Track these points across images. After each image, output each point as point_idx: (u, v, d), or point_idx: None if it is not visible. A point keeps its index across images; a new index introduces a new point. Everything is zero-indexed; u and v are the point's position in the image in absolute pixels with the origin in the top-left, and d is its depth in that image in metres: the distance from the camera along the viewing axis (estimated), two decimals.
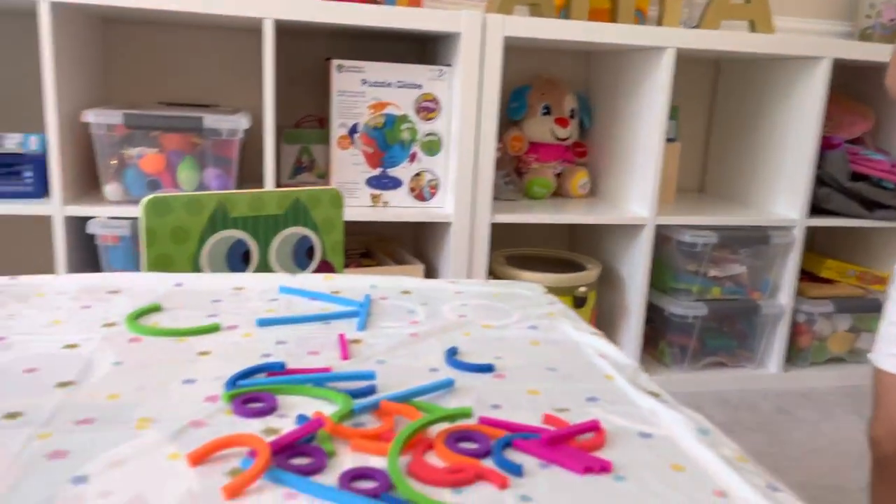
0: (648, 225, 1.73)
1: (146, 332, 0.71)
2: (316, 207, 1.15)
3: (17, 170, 1.47)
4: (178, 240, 1.03)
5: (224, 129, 1.50)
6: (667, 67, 1.66)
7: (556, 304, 0.87)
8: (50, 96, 1.40)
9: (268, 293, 0.86)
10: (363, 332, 0.75)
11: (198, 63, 1.82)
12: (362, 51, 1.83)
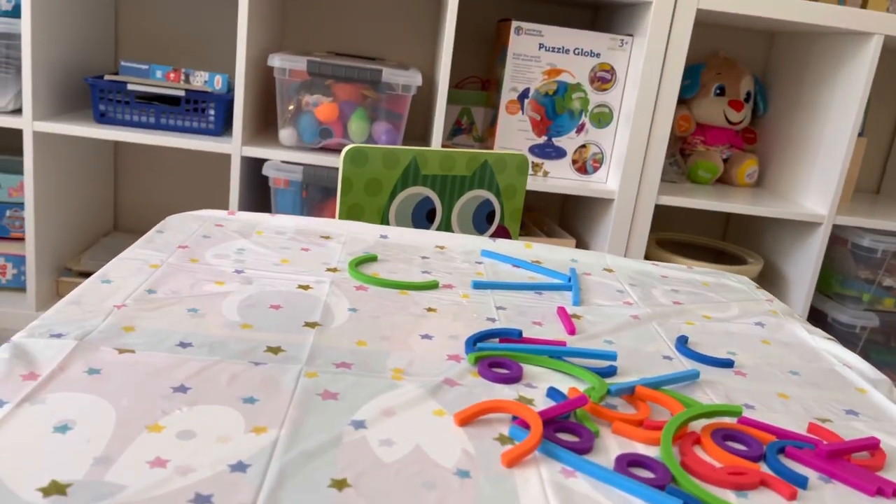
0: (825, 224, 1.61)
1: (371, 281, 0.71)
2: (502, 172, 1.14)
3: (202, 107, 1.53)
4: (372, 191, 1.04)
5: (399, 85, 1.50)
6: (869, 56, 1.52)
7: (774, 301, 0.82)
8: (242, 38, 1.44)
9: (471, 255, 0.85)
10: (579, 307, 0.73)
11: (367, 15, 1.83)
12: (533, 13, 1.79)
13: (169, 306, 0.59)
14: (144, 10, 1.76)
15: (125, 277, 0.64)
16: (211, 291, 0.64)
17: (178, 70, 1.51)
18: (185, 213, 0.84)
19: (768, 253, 1.82)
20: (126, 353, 0.51)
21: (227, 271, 0.69)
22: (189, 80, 1.53)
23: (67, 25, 1.53)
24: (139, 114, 1.51)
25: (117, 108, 1.50)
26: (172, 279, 0.65)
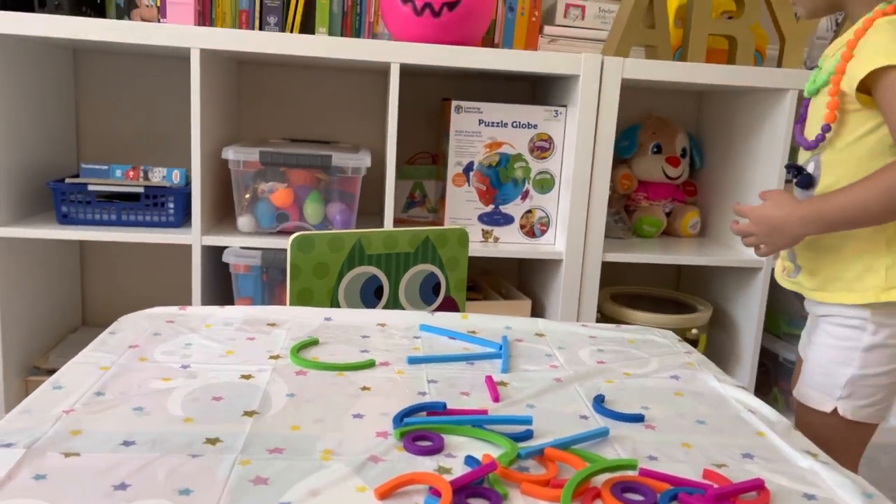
0: (764, 268, 1.70)
1: (310, 365, 0.76)
2: (444, 246, 1.20)
3: (162, 201, 1.59)
4: (320, 275, 1.10)
5: (349, 167, 1.58)
6: (787, 109, 1.63)
7: (693, 353, 0.88)
8: (196, 134, 1.52)
9: (410, 330, 0.90)
10: (507, 374, 0.78)
11: (321, 101, 1.92)
12: (474, 90, 1.89)
13: (116, 407, 0.64)
14: (104, 111, 1.84)
15: (76, 382, 0.68)
16: (157, 388, 0.68)
17: (136, 168, 1.58)
18: (137, 312, 0.89)
19: (717, 299, 1.89)
20: (72, 456, 0.55)
21: (173, 367, 0.74)
22: (148, 177, 1.59)
23: (28, 132, 1.60)
24: (101, 212, 1.57)
25: (79, 208, 1.56)
26: (122, 379, 0.70)
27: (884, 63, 0.88)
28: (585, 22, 1.78)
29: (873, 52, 0.89)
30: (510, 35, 1.76)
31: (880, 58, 0.88)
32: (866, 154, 0.94)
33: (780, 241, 0.98)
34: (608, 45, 1.68)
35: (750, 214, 1.00)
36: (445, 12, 1.54)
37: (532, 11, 1.75)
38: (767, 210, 0.97)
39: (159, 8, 1.60)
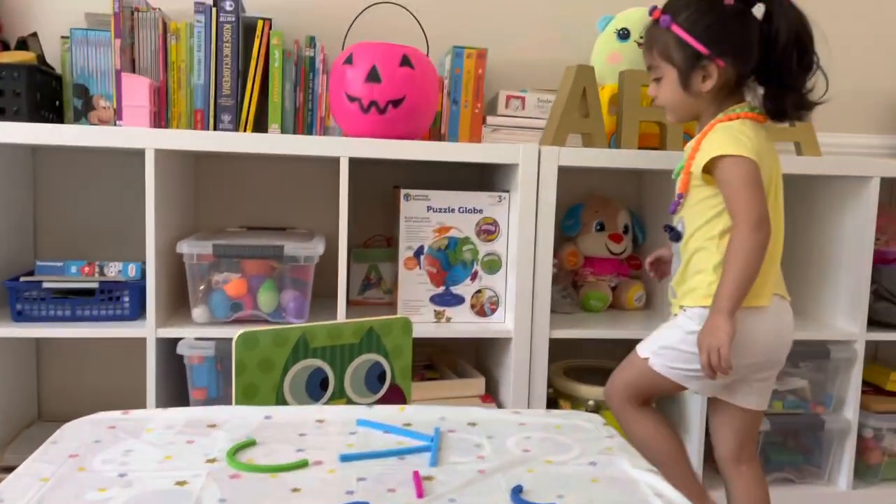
0: None
1: (244, 468, 0.80)
2: (387, 335, 1.25)
3: (117, 295, 1.63)
4: (265, 370, 1.13)
5: (301, 256, 1.64)
6: None
7: (614, 437, 0.93)
8: (150, 228, 1.57)
9: (347, 425, 0.94)
10: (435, 468, 0.82)
11: (277, 190, 1.99)
12: (425, 175, 1.97)
13: None
14: (62, 206, 1.89)
15: (16, 496, 0.71)
16: (93, 500, 0.71)
17: (92, 263, 1.62)
18: (80, 420, 0.92)
19: None
20: None
21: (111, 476, 0.77)
22: (104, 272, 1.63)
23: None
24: (56, 308, 1.60)
25: (34, 305, 1.59)
26: (59, 491, 0.73)
27: (717, 153, 1.27)
28: (526, 111, 1.89)
29: (713, 147, 1.29)
30: (455, 126, 1.86)
31: (715, 150, 1.28)
32: (709, 213, 1.34)
33: (719, 337, 1.24)
34: (546, 135, 1.79)
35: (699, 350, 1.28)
36: (391, 109, 1.64)
37: (475, 104, 1.85)
38: (699, 337, 1.28)
39: (115, 110, 1.67)
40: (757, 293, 1.31)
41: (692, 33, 1.28)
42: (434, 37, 1.83)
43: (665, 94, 1.36)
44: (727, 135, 1.28)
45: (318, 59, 1.80)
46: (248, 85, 1.73)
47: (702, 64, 1.30)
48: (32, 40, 1.75)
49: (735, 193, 1.26)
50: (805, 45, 1.29)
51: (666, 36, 1.31)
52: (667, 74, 1.34)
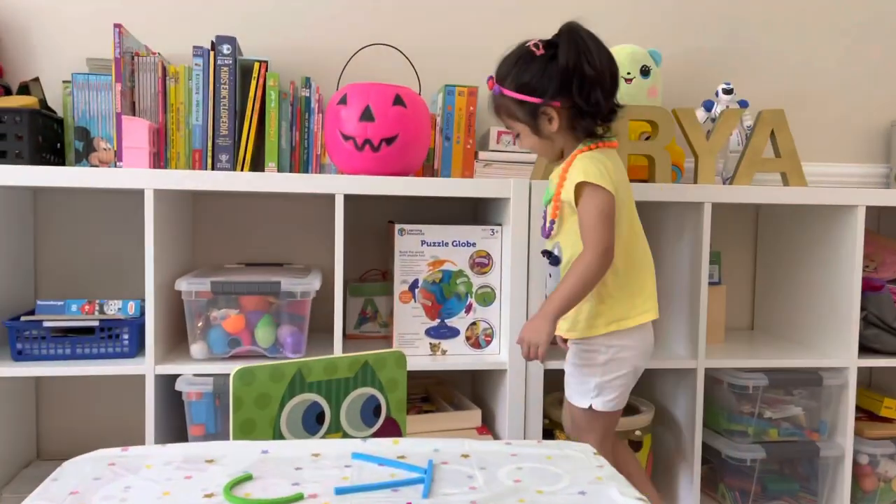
0: (698, 369, 1.78)
1: (241, 502, 0.81)
2: (382, 369, 1.27)
3: (116, 332, 1.65)
4: (262, 405, 1.15)
5: (298, 291, 1.66)
6: (704, 220, 1.77)
7: (605, 467, 0.95)
8: (149, 267, 1.59)
9: (342, 459, 0.96)
10: (427, 500, 0.84)
11: (274, 226, 2.03)
12: (419, 210, 2.01)
13: None
14: (62, 245, 1.92)
15: None
16: None
17: (92, 302, 1.65)
18: (81, 457, 0.94)
19: (660, 398, 1.97)
20: None
21: None
22: (103, 310, 1.65)
23: None
24: (55, 347, 1.62)
25: (34, 344, 1.61)
26: None
27: (581, 178, 1.40)
28: (517, 147, 1.92)
29: (578, 174, 1.41)
30: (448, 161, 1.91)
31: (580, 176, 1.40)
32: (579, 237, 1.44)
33: (539, 337, 1.38)
34: (536, 169, 1.83)
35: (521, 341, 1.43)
36: (384, 147, 1.68)
37: (467, 140, 1.90)
38: (526, 325, 1.44)
39: (116, 151, 1.71)
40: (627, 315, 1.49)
41: (522, 91, 1.41)
42: (426, 76, 1.88)
43: (526, 144, 1.49)
44: (589, 164, 1.42)
45: (313, 99, 1.85)
46: (245, 125, 1.78)
47: (542, 111, 1.42)
48: (34, 85, 1.79)
49: (589, 222, 1.40)
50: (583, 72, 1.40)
51: (504, 100, 1.45)
52: (520, 130, 1.47)
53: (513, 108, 1.44)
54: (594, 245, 1.39)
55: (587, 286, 1.40)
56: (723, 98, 2.05)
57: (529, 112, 1.43)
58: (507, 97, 1.43)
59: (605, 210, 1.40)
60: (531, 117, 1.43)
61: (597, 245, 1.39)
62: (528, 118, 1.44)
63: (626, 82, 1.93)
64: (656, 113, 1.84)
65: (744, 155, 1.90)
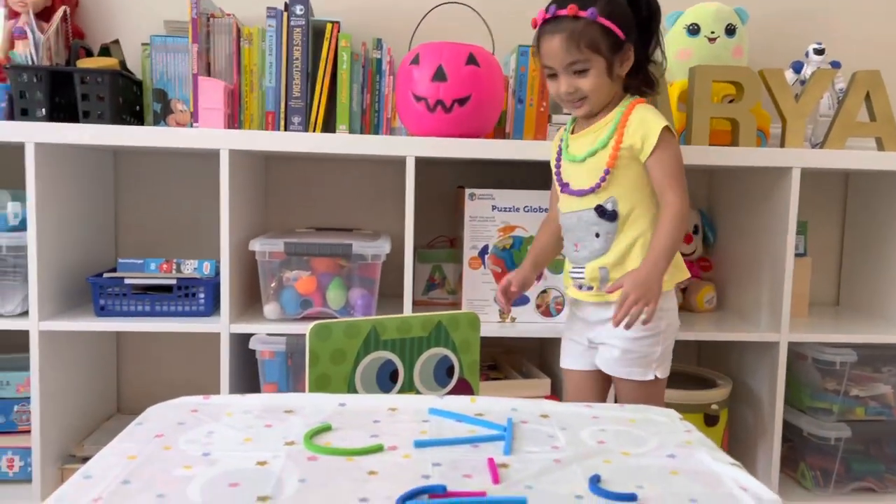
0: (781, 342, 1.71)
1: (322, 451, 0.81)
2: (455, 330, 1.25)
3: (193, 291, 1.68)
4: (337, 361, 1.15)
5: (369, 254, 1.66)
6: (791, 186, 1.68)
7: (692, 431, 0.91)
8: (224, 227, 1.62)
9: (419, 414, 0.95)
10: (509, 456, 0.82)
11: (344, 191, 2.03)
12: (488, 175, 1.97)
13: (139, 494, 0.69)
14: (141, 206, 1.97)
15: (104, 471, 0.74)
16: (179, 476, 0.74)
17: (170, 261, 1.68)
18: (164, 403, 0.95)
19: (738, 373, 1.90)
20: None
21: (195, 455, 0.79)
22: (181, 269, 1.69)
23: (72, 231, 1.72)
24: (136, 304, 1.66)
25: (115, 301, 1.65)
26: (147, 468, 0.75)
27: (663, 124, 1.33)
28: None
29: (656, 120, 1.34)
30: (520, 125, 1.86)
31: (660, 121, 1.34)
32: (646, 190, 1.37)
33: (651, 294, 1.26)
34: None
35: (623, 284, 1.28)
36: (456, 108, 1.65)
37: (540, 102, 1.85)
38: (632, 277, 1.28)
39: (192, 113, 1.73)
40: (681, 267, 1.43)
41: (613, 22, 1.32)
42: (500, 36, 1.83)
43: (593, 84, 1.34)
44: (657, 114, 1.36)
45: (384, 61, 1.83)
46: (317, 87, 1.77)
47: (625, 48, 1.35)
48: (115, 47, 1.83)
49: (674, 169, 1.34)
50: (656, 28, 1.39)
51: (592, 28, 1.32)
52: (595, 65, 1.34)
53: (598, 39, 1.32)
54: (682, 192, 1.33)
55: (682, 236, 1.33)
56: (813, 59, 1.94)
57: (612, 47, 1.33)
58: (597, 25, 1.31)
59: (680, 156, 1.37)
60: (612, 53, 1.33)
61: (683, 192, 1.33)
62: (609, 53, 1.33)
63: (710, 42, 1.84)
64: (742, 74, 1.75)
65: (836, 118, 1.79)
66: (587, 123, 1.42)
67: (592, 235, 1.40)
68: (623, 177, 1.37)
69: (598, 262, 1.39)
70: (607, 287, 1.35)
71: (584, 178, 1.40)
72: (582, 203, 1.41)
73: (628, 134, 1.35)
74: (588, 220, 1.40)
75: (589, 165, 1.39)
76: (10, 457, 1.70)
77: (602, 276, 1.39)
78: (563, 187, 1.44)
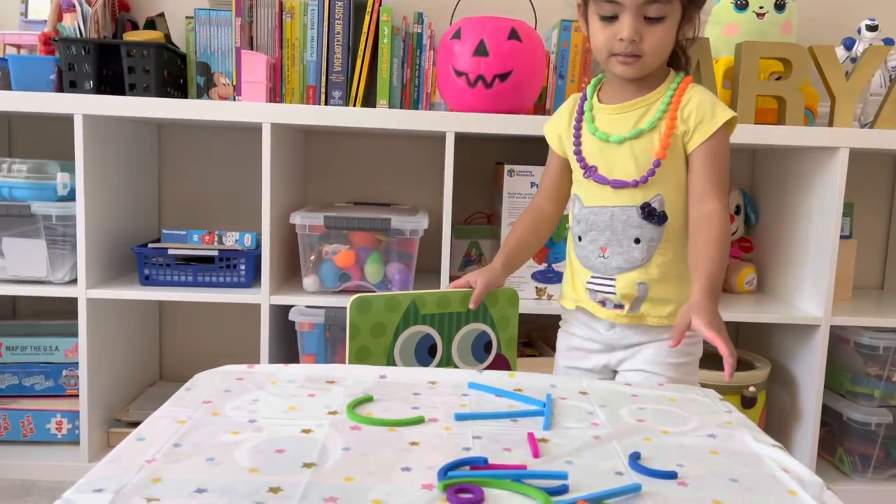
0: (823, 325, 1.68)
1: (365, 421, 0.82)
2: (494, 305, 1.26)
3: (234, 263, 1.71)
4: (377, 334, 1.17)
5: (407, 229, 1.67)
6: (839, 167, 1.64)
7: (733, 412, 0.90)
8: (266, 200, 1.64)
9: (459, 388, 0.96)
10: (549, 431, 0.82)
11: (382, 166, 2.04)
12: (528, 151, 1.96)
13: (191, 458, 0.71)
14: (184, 178, 2.01)
15: (156, 434, 0.77)
16: (227, 441, 0.76)
17: (212, 233, 1.71)
18: (210, 371, 0.97)
19: (777, 356, 1.87)
20: (153, 501, 0.62)
21: (242, 422, 0.81)
22: (222, 241, 1.72)
23: (117, 201, 1.76)
24: (179, 274, 1.70)
25: (160, 270, 1.69)
26: (196, 433, 0.78)
27: (729, 114, 1.10)
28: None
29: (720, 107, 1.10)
30: (561, 101, 1.83)
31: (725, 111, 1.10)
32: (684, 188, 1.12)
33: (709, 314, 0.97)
34: None
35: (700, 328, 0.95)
36: (497, 83, 1.64)
37: (581, 78, 1.82)
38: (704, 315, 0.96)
39: (235, 86, 1.75)
40: None
41: None
42: (542, 11, 1.81)
43: (661, 38, 1.08)
44: (718, 99, 1.13)
45: (425, 36, 1.82)
46: (357, 61, 1.77)
47: (695, 6, 1.12)
48: (160, 20, 1.85)
49: (724, 168, 1.11)
50: None
51: None
52: (672, 15, 1.08)
53: None
54: (727, 199, 1.11)
55: (728, 247, 1.09)
56: (866, 35, 1.88)
57: (691, 2, 1.10)
58: None
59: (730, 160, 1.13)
60: (689, 9, 1.11)
61: (727, 198, 1.11)
62: (688, 7, 1.10)
63: (759, 17, 1.79)
64: (791, 50, 1.70)
65: (887, 97, 1.73)
66: (623, 93, 1.15)
67: (631, 241, 1.13)
68: (672, 170, 1.12)
69: (637, 276, 1.13)
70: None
71: (624, 166, 1.13)
72: (619, 198, 1.14)
73: (682, 117, 1.11)
74: (628, 221, 1.13)
75: (632, 150, 1.13)
76: (59, 419, 1.76)
77: (640, 294, 1.14)
78: (587, 171, 1.17)
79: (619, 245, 1.14)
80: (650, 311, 1.14)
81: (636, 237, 1.13)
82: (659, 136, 1.11)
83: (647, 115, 1.13)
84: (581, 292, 1.20)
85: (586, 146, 1.18)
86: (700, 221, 1.07)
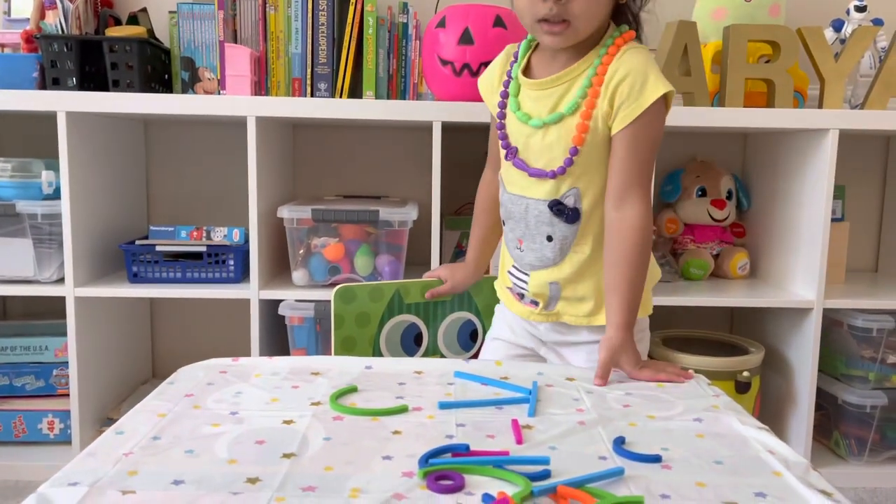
0: (815, 308, 1.67)
1: (347, 411, 0.82)
2: (478, 294, 1.25)
3: (223, 258, 1.70)
4: (362, 324, 1.16)
5: (396, 221, 1.66)
6: (829, 149, 1.63)
7: (720, 396, 0.89)
8: (253, 194, 1.63)
9: (445, 377, 0.95)
10: (533, 418, 0.82)
11: (371, 158, 2.02)
12: None
13: (169, 450, 0.70)
14: (171, 175, 1.99)
15: (136, 428, 0.76)
16: (207, 433, 0.75)
17: (200, 228, 1.70)
18: (194, 364, 0.97)
19: (771, 340, 1.87)
20: (128, 494, 0.62)
21: (223, 414, 0.80)
22: (210, 237, 1.71)
23: (104, 198, 1.75)
24: (167, 271, 1.69)
25: (148, 267, 1.68)
26: (176, 425, 0.77)
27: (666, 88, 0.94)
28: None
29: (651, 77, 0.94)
30: None
31: (661, 84, 0.94)
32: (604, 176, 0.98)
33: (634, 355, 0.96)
34: None
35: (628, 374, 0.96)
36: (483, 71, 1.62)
37: None
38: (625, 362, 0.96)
39: (219, 81, 1.73)
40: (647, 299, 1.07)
41: None
42: None
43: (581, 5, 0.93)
44: (653, 65, 0.96)
45: (410, 25, 1.81)
46: (343, 53, 1.76)
47: None
48: (142, 15, 1.83)
49: (647, 156, 0.96)
50: None
51: None
52: None
53: None
54: (648, 194, 0.97)
55: (649, 256, 0.99)
56: (854, 16, 1.87)
57: None
58: None
59: (659, 144, 0.99)
60: None
61: (649, 191, 0.98)
62: None
63: (746, 0, 1.78)
64: (779, 33, 1.69)
65: (877, 78, 1.72)
66: (552, 65, 1.00)
67: (543, 237, 1.02)
68: (591, 156, 0.98)
69: (548, 276, 1.04)
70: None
71: (540, 153, 1.00)
72: (536, 189, 1.01)
73: (606, 93, 0.95)
74: (540, 217, 1.02)
75: (550, 135, 0.99)
76: (50, 419, 1.75)
77: (552, 294, 1.05)
78: (509, 152, 1.03)
79: (532, 241, 1.04)
80: (566, 309, 1.05)
81: (548, 234, 1.02)
82: (577, 119, 0.97)
83: (568, 93, 0.98)
84: (505, 278, 1.11)
85: (511, 123, 1.03)
86: (617, 230, 0.96)
